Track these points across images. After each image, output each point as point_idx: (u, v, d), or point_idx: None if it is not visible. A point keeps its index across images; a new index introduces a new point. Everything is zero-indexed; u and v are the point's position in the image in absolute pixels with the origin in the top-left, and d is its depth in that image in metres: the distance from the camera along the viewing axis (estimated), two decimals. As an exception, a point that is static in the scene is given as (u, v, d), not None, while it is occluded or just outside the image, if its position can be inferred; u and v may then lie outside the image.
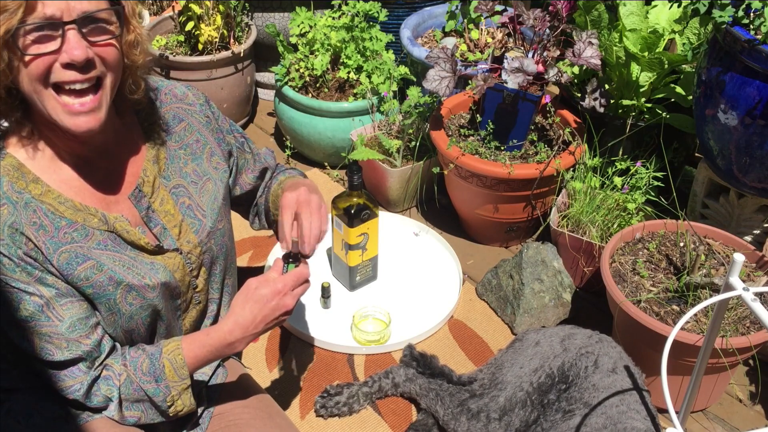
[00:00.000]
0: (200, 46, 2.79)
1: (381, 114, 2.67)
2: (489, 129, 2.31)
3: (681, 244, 2.02)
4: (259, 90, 3.25)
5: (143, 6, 3.35)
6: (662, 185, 2.21)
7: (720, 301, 1.35)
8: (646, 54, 2.23)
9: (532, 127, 2.39)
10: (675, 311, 1.85)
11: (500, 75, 2.21)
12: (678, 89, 2.31)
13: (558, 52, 2.25)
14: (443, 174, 2.39)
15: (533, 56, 2.24)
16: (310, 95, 2.72)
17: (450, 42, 2.83)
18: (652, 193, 2.18)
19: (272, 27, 2.74)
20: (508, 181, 2.22)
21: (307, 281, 1.40)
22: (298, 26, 2.74)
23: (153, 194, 1.37)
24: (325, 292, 2.18)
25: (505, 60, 2.19)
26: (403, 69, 2.68)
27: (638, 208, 2.17)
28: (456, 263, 2.37)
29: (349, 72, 2.69)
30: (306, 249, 1.41)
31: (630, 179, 2.20)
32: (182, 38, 2.87)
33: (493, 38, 2.79)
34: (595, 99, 2.30)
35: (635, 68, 2.29)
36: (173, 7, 2.99)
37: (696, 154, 2.58)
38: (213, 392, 1.53)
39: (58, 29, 1.14)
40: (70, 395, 1.28)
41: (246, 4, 2.92)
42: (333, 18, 2.76)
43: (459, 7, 2.83)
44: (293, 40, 2.78)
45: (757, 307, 1.21)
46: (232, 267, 1.57)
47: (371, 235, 2.16)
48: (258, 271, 2.32)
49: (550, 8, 2.25)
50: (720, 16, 1.83)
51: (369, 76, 2.70)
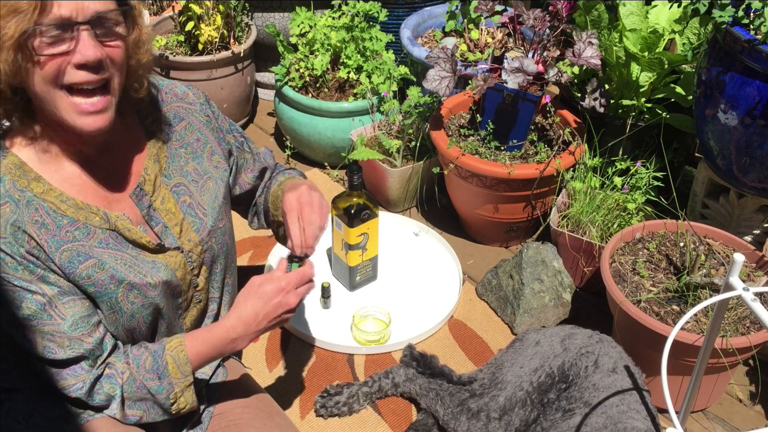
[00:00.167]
0: (200, 46, 2.79)
1: (381, 114, 2.67)
2: (489, 129, 2.31)
3: (681, 244, 2.02)
4: (259, 90, 3.25)
5: (143, 6, 3.35)
6: (662, 185, 2.21)
7: (720, 301, 1.35)
8: (646, 54, 2.23)
9: (532, 127, 2.39)
10: (675, 311, 1.85)
11: (500, 75, 2.21)
12: (678, 89, 2.31)
13: (558, 52, 2.25)
14: (443, 174, 2.39)
15: (533, 56, 2.24)
16: (310, 95, 2.72)
17: (450, 42, 2.83)
18: (652, 193, 2.18)
19: (272, 27, 2.74)
20: (508, 181, 2.22)
21: (311, 281, 1.41)
22: (298, 26, 2.74)
23: (154, 193, 1.37)
24: (325, 292, 2.18)
25: (505, 60, 2.19)
26: (403, 69, 2.68)
27: (638, 208, 2.17)
28: (456, 263, 2.37)
29: (349, 72, 2.69)
30: (307, 249, 1.43)
31: (630, 179, 2.20)
32: (182, 38, 2.87)
33: (493, 38, 2.79)
34: (595, 99, 2.30)
35: (635, 68, 2.29)
36: (173, 7, 2.99)
37: (696, 154, 2.58)
38: (213, 392, 1.53)
39: (72, 30, 1.14)
40: (72, 394, 1.28)
41: (246, 4, 2.92)
42: (333, 18, 2.76)
43: (459, 7, 2.83)
44: (293, 40, 2.78)
45: (757, 307, 1.21)
46: (233, 266, 1.57)
47: (371, 235, 2.16)
48: (258, 271, 2.32)
49: (550, 8, 2.25)
50: (720, 16, 1.83)
51: (369, 76, 2.70)
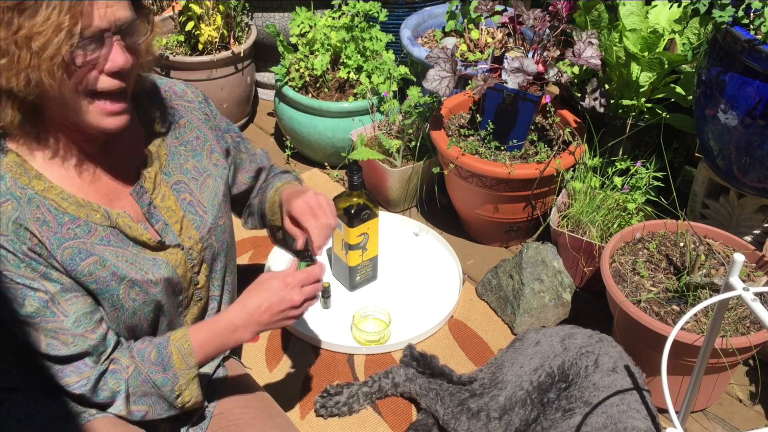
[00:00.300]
0: (200, 46, 2.79)
1: (381, 114, 2.67)
2: (489, 129, 2.31)
3: (681, 244, 2.02)
4: (259, 90, 3.25)
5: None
6: (662, 185, 2.21)
7: (720, 301, 1.35)
8: (646, 54, 2.23)
9: (532, 127, 2.39)
10: (675, 311, 1.85)
11: (500, 75, 2.21)
12: (678, 89, 2.31)
13: (558, 52, 2.25)
14: (443, 174, 2.39)
15: (533, 56, 2.24)
16: (310, 95, 2.72)
17: (450, 42, 2.83)
18: (652, 193, 2.18)
19: (272, 27, 2.74)
20: (508, 181, 2.22)
21: (319, 281, 1.42)
22: (298, 26, 2.74)
23: (154, 190, 1.37)
24: (325, 292, 2.18)
25: (505, 60, 2.18)
26: (403, 69, 2.68)
27: (638, 208, 2.17)
28: (456, 263, 2.37)
29: (349, 72, 2.69)
30: (316, 251, 1.47)
31: (630, 179, 2.20)
32: (182, 38, 2.87)
33: (493, 38, 2.79)
34: (595, 99, 2.30)
35: (635, 68, 2.29)
36: (173, 7, 2.99)
37: (696, 154, 2.58)
38: (213, 392, 1.53)
39: (104, 39, 1.16)
40: (77, 390, 1.28)
41: (246, 4, 2.92)
42: (333, 18, 2.76)
43: (459, 7, 2.83)
44: (293, 40, 2.78)
45: (757, 307, 1.21)
46: (232, 264, 1.58)
47: (371, 235, 2.16)
48: (258, 270, 2.32)
49: (550, 8, 2.25)
50: (720, 16, 1.83)
51: (369, 76, 2.70)
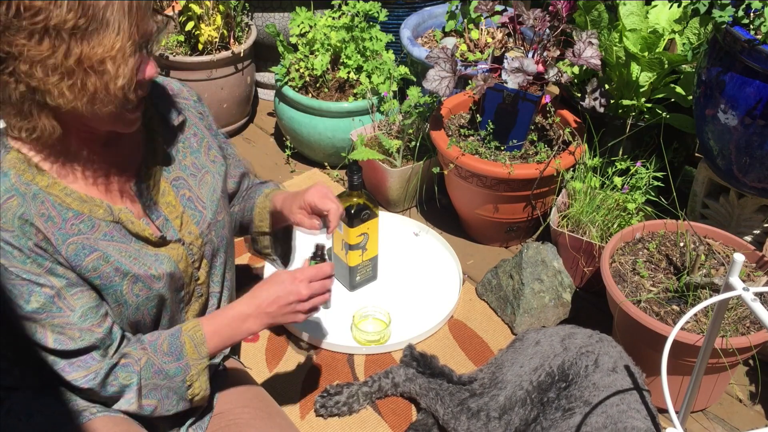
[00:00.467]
0: (200, 46, 2.79)
1: (381, 114, 2.67)
2: (489, 129, 2.31)
3: (681, 244, 2.02)
4: (259, 90, 3.25)
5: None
6: (662, 185, 2.21)
7: (720, 301, 1.35)
8: (646, 54, 2.23)
9: (532, 127, 2.39)
10: (675, 311, 1.85)
11: (500, 75, 2.21)
12: (678, 89, 2.32)
13: (558, 52, 2.25)
14: (443, 174, 2.39)
15: (533, 56, 2.24)
16: (310, 95, 2.72)
17: (450, 42, 2.83)
18: (652, 193, 2.18)
19: (272, 27, 2.74)
20: (508, 181, 2.22)
21: (329, 278, 1.46)
22: (298, 26, 2.74)
23: (154, 186, 1.38)
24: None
25: (505, 60, 2.19)
26: (403, 69, 2.68)
27: (638, 208, 2.17)
28: (456, 263, 2.37)
29: (349, 72, 2.69)
30: (330, 232, 1.60)
31: (630, 179, 2.20)
32: (182, 38, 2.87)
33: (493, 38, 2.79)
34: (595, 99, 2.30)
35: (635, 68, 2.29)
36: (173, 7, 2.99)
37: (696, 154, 2.58)
38: (213, 391, 1.53)
39: (143, 49, 1.18)
40: (85, 385, 1.28)
41: (246, 4, 2.92)
42: (333, 18, 2.76)
43: (459, 7, 2.83)
44: (293, 40, 2.78)
45: (757, 307, 1.21)
46: (231, 261, 1.58)
47: (371, 235, 2.16)
48: (258, 270, 2.32)
49: (550, 8, 2.25)
50: (720, 16, 1.83)
51: (369, 76, 2.70)
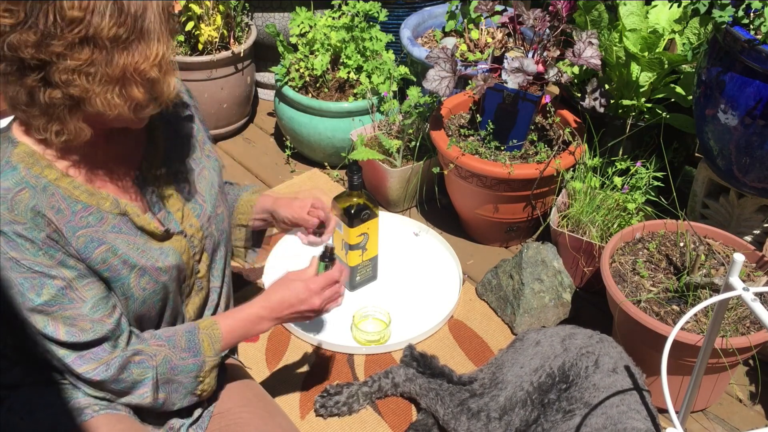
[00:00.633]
0: (200, 46, 2.78)
1: (381, 114, 2.67)
2: (489, 129, 2.31)
3: (681, 244, 2.02)
4: (259, 90, 3.25)
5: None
6: (662, 185, 2.21)
7: (720, 301, 1.35)
8: (646, 54, 2.23)
9: (532, 127, 2.39)
10: (675, 311, 1.85)
11: (500, 75, 2.21)
12: (678, 89, 2.31)
13: (558, 52, 2.25)
14: (443, 174, 2.39)
15: (533, 56, 2.24)
16: (310, 95, 2.72)
17: (450, 42, 2.83)
18: (652, 193, 2.18)
19: (272, 27, 2.74)
20: (508, 181, 2.22)
21: (337, 282, 1.54)
22: (298, 26, 2.74)
23: (156, 180, 1.39)
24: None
25: (505, 60, 2.18)
26: (403, 69, 2.68)
27: (638, 208, 2.17)
28: (456, 263, 2.37)
29: (349, 72, 2.69)
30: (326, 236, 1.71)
31: (630, 179, 2.20)
32: (182, 38, 2.87)
33: (493, 38, 2.79)
34: (595, 99, 2.30)
35: (635, 68, 2.29)
36: (173, 7, 2.98)
37: (696, 154, 2.58)
38: (213, 391, 1.53)
39: None
40: (96, 377, 1.29)
41: (246, 4, 2.92)
42: (333, 18, 2.76)
43: (459, 7, 2.83)
44: (293, 40, 2.78)
45: (757, 307, 1.21)
46: (230, 256, 1.60)
47: (371, 235, 2.16)
48: (258, 271, 2.32)
49: (550, 8, 2.25)
50: (720, 16, 1.83)
51: (369, 76, 2.70)
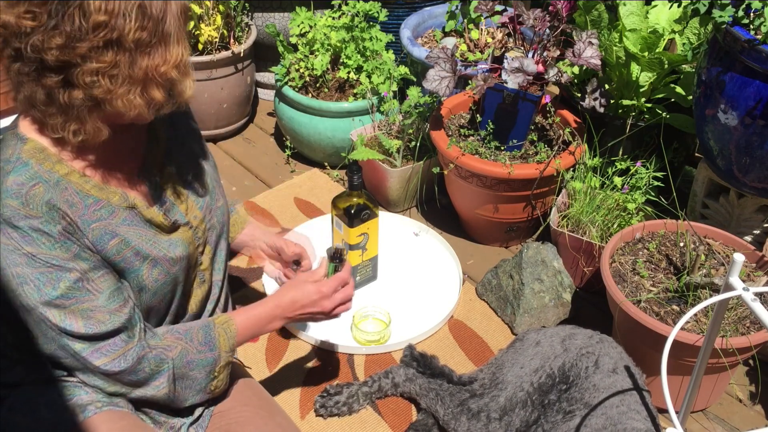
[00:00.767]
0: (200, 46, 2.78)
1: (381, 114, 2.67)
2: (489, 129, 2.31)
3: (681, 244, 2.02)
4: (259, 90, 3.25)
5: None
6: (662, 185, 2.21)
7: (720, 301, 1.35)
8: (646, 54, 2.23)
9: (532, 127, 2.39)
10: (675, 311, 1.85)
11: (500, 75, 2.21)
12: (678, 89, 2.31)
13: (558, 52, 2.25)
14: (443, 174, 2.39)
15: (533, 56, 2.24)
16: (310, 95, 2.72)
17: (450, 42, 2.83)
18: (652, 193, 2.18)
19: (272, 27, 2.74)
20: (508, 181, 2.22)
21: (347, 283, 1.57)
22: (298, 26, 2.74)
23: (159, 174, 1.40)
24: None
25: (505, 60, 2.18)
26: (403, 69, 2.68)
27: (638, 208, 2.17)
28: (456, 263, 2.37)
29: (349, 72, 2.69)
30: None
31: (630, 179, 2.20)
32: (182, 38, 2.87)
33: (493, 38, 2.79)
34: (595, 99, 2.30)
35: (635, 68, 2.29)
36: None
37: (696, 154, 2.58)
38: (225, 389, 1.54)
39: None
40: (115, 368, 1.29)
41: (246, 4, 2.92)
42: (333, 18, 2.76)
43: (459, 7, 2.83)
44: (293, 40, 2.78)
45: (757, 307, 1.21)
46: (229, 250, 1.62)
47: (371, 235, 2.16)
48: (258, 271, 2.32)
49: (550, 8, 2.25)
50: (720, 16, 1.83)
51: (369, 76, 2.70)
